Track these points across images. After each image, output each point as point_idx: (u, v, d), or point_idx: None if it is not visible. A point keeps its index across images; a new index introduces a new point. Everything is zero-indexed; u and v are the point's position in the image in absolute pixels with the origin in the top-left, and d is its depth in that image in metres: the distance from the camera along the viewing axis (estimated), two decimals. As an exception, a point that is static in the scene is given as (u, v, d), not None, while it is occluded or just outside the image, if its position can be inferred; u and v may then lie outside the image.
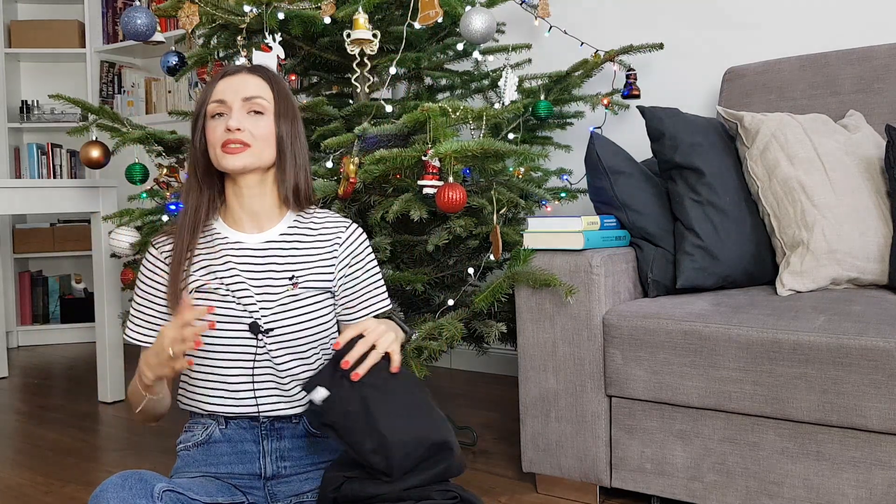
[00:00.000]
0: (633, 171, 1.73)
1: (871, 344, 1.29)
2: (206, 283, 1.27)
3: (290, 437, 1.30)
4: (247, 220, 1.31)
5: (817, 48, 2.17)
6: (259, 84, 1.28)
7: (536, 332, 1.66)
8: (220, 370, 1.26)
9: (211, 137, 1.26)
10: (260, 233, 1.31)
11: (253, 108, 1.26)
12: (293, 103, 1.32)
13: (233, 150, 1.24)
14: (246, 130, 1.24)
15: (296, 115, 1.32)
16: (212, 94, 1.27)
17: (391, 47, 1.98)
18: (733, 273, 1.65)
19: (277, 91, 1.29)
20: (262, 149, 1.26)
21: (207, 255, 1.29)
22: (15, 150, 3.96)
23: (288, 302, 1.27)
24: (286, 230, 1.32)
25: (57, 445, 2.18)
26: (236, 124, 1.23)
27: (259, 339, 1.25)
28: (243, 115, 1.25)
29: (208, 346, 1.26)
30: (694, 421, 1.49)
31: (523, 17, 2.54)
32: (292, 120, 1.30)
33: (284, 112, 1.29)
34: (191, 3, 1.83)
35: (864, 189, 1.61)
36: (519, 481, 1.81)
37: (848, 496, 1.34)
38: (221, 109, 1.26)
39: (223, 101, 1.26)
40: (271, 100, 1.28)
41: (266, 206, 1.31)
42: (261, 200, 1.30)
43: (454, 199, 1.54)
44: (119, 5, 3.94)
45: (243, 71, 1.29)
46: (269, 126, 1.27)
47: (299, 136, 1.32)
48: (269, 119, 1.27)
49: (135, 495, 1.03)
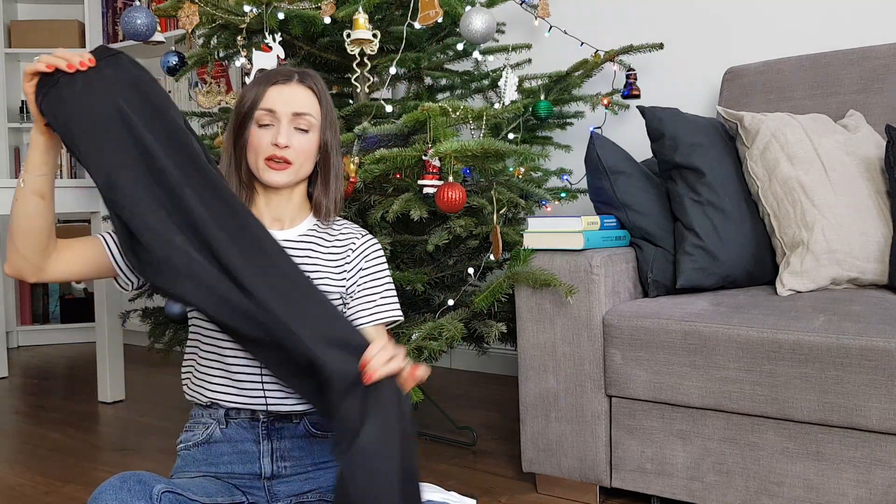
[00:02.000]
0: (633, 171, 1.73)
1: (871, 344, 1.29)
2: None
3: (290, 436, 1.30)
4: (269, 221, 1.33)
5: (817, 48, 2.17)
6: (309, 99, 1.29)
7: (536, 332, 1.66)
8: (228, 361, 1.26)
9: (256, 144, 1.27)
10: (280, 230, 1.33)
11: (300, 125, 1.27)
12: (335, 118, 1.34)
13: (276, 167, 1.26)
14: (292, 147, 1.26)
15: (336, 125, 1.34)
16: (262, 101, 1.27)
17: (391, 47, 1.98)
18: (733, 273, 1.65)
19: (325, 104, 1.31)
20: (302, 164, 1.28)
21: None
22: (15, 150, 3.97)
23: None
24: (305, 232, 1.33)
25: (57, 445, 2.18)
26: (285, 141, 1.25)
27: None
28: (291, 130, 1.27)
29: (217, 338, 1.26)
30: (694, 421, 1.49)
31: (523, 17, 2.54)
32: (335, 132, 1.32)
33: (329, 125, 1.31)
34: (191, 3, 1.83)
35: (864, 189, 1.61)
36: (519, 481, 1.81)
37: (848, 496, 1.34)
38: (270, 120, 1.27)
39: (273, 112, 1.26)
40: (318, 115, 1.29)
41: (291, 210, 1.33)
42: (287, 205, 1.33)
43: (454, 198, 1.54)
44: (119, 5, 3.94)
45: (294, 80, 1.29)
46: (313, 143, 1.29)
47: (338, 150, 1.34)
48: (315, 135, 1.29)
49: (133, 497, 1.02)
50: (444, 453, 2.03)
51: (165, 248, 1.11)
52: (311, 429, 1.32)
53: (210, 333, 1.27)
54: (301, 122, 1.27)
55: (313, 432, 1.32)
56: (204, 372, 1.29)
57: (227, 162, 1.32)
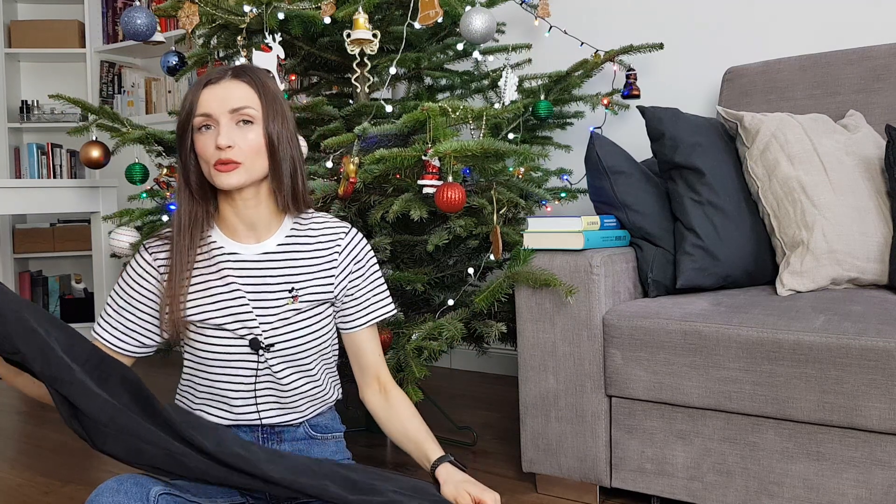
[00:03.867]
0: (633, 171, 1.73)
1: (871, 344, 1.29)
2: (206, 316, 1.24)
3: (289, 439, 1.29)
4: (243, 230, 1.27)
5: (817, 48, 2.17)
6: (244, 92, 1.21)
7: (536, 332, 1.66)
8: (221, 385, 1.25)
9: (202, 153, 1.21)
10: (257, 243, 1.27)
11: (241, 119, 1.20)
12: (282, 102, 1.25)
13: (224, 169, 1.19)
14: (236, 146, 1.19)
15: (285, 114, 1.25)
16: (197, 106, 1.20)
17: (391, 47, 1.98)
18: (733, 273, 1.65)
19: (264, 94, 1.22)
20: (253, 162, 1.21)
21: (204, 268, 1.25)
22: (15, 150, 3.97)
23: (289, 316, 1.25)
24: (284, 240, 1.28)
25: (57, 445, 2.18)
26: (226, 141, 1.17)
27: (260, 354, 1.24)
28: (231, 127, 1.19)
29: (208, 363, 1.25)
30: (694, 421, 1.49)
31: (523, 17, 2.54)
32: (282, 121, 1.23)
33: (273, 115, 1.22)
34: (191, 3, 1.83)
35: (864, 189, 1.61)
36: (519, 481, 1.81)
37: (848, 496, 1.34)
38: (208, 122, 1.20)
39: (209, 115, 1.19)
40: (259, 106, 1.21)
41: (263, 216, 1.26)
42: (256, 211, 1.25)
43: (453, 198, 1.54)
44: (119, 5, 3.94)
45: (226, 77, 1.22)
46: (258, 135, 1.21)
47: (292, 137, 1.25)
48: (259, 127, 1.21)
49: (130, 499, 1.02)
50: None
51: (120, 418, 1.05)
52: (311, 431, 1.32)
53: (212, 363, 1.25)
54: (240, 115, 1.20)
55: (313, 435, 1.32)
56: (203, 396, 1.28)
57: (179, 177, 1.26)
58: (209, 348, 1.23)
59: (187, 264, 1.24)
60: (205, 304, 1.23)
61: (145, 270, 1.27)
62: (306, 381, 1.28)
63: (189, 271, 1.24)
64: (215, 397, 1.26)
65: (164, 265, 1.26)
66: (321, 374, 1.31)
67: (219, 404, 1.26)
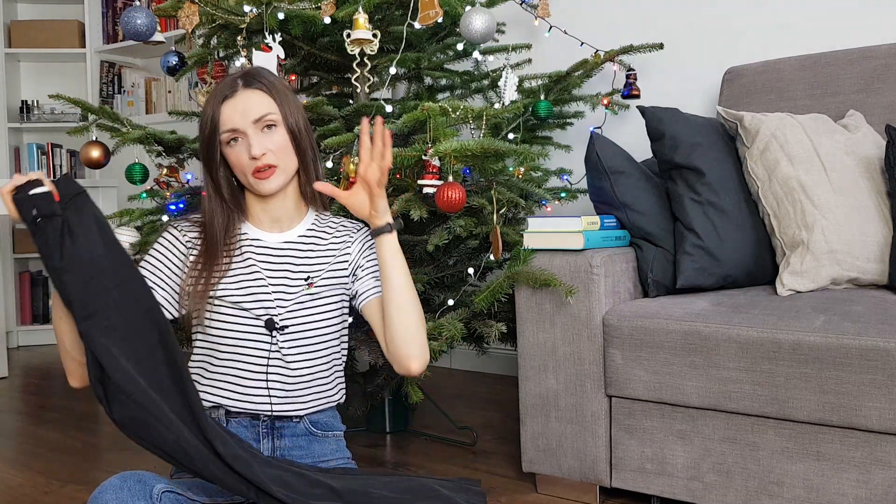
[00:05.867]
0: (633, 171, 1.73)
1: (871, 344, 1.29)
2: (227, 292, 1.29)
3: (290, 435, 1.30)
4: (268, 222, 1.36)
5: (817, 48, 2.17)
6: (261, 99, 1.30)
7: (536, 332, 1.66)
8: (233, 367, 1.29)
9: (237, 164, 1.30)
10: (280, 232, 1.36)
11: (265, 125, 1.29)
12: (293, 97, 1.35)
13: (264, 175, 1.28)
14: (268, 151, 1.28)
15: (299, 106, 1.35)
16: (220, 123, 1.29)
17: (391, 47, 1.97)
18: (733, 273, 1.65)
19: (277, 95, 1.31)
20: (286, 161, 1.31)
21: (230, 251, 1.33)
22: (15, 150, 3.96)
23: (304, 300, 1.31)
24: (305, 232, 1.37)
25: (57, 445, 2.18)
26: (260, 150, 1.27)
27: (273, 335, 1.27)
28: (259, 135, 1.29)
29: (223, 342, 1.28)
30: (694, 421, 1.49)
31: (523, 17, 2.54)
32: (297, 111, 1.33)
33: (289, 110, 1.32)
34: (191, 3, 1.83)
35: (864, 189, 1.61)
36: (519, 481, 1.81)
37: (848, 496, 1.34)
38: (236, 136, 1.29)
39: (236, 129, 1.29)
40: (276, 108, 1.30)
41: (288, 209, 1.36)
42: (283, 205, 1.35)
43: (453, 198, 1.54)
44: (119, 5, 3.94)
45: (239, 87, 1.30)
46: (283, 135, 1.31)
47: (306, 123, 1.36)
48: (281, 127, 1.31)
49: (133, 496, 1.02)
50: (444, 453, 2.03)
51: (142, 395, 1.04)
52: (311, 428, 1.32)
53: (227, 342, 1.28)
54: (264, 123, 1.29)
55: (313, 431, 1.32)
56: (214, 377, 1.30)
57: (208, 188, 1.33)
58: (226, 326, 1.28)
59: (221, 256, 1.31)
60: (227, 281, 1.30)
61: (171, 243, 1.34)
62: (314, 372, 1.32)
63: (220, 265, 1.31)
64: (227, 379, 1.29)
65: (193, 243, 1.33)
66: (330, 369, 1.35)
67: (231, 387, 1.28)
